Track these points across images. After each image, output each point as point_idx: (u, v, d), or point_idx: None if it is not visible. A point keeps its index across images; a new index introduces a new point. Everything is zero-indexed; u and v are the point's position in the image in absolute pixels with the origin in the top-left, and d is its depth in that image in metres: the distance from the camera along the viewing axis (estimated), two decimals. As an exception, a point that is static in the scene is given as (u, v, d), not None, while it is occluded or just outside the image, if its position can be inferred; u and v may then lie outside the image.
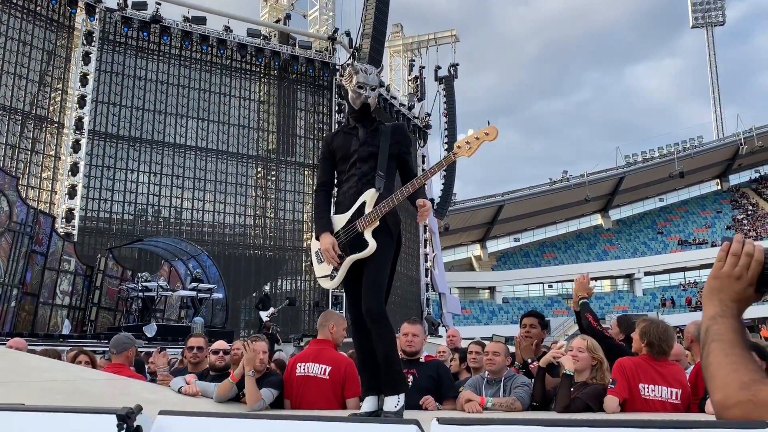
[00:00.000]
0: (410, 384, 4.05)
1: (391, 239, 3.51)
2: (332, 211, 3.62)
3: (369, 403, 3.42)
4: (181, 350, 6.34)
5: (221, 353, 4.78)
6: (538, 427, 1.24)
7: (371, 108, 3.59)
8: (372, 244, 3.36)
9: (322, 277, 3.57)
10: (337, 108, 29.51)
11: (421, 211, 3.33)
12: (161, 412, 1.56)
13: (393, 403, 3.28)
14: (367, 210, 3.40)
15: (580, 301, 4.38)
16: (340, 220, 3.53)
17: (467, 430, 1.27)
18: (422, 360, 4.37)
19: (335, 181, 3.74)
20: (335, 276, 3.48)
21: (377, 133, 3.56)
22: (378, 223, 3.40)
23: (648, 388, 3.59)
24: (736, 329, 1.16)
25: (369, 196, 3.43)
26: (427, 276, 35.00)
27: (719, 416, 1.10)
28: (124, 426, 1.46)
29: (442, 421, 1.29)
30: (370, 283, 3.39)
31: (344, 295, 3.79)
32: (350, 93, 3.60)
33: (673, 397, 3.57)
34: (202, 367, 4.93)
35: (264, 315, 18.02)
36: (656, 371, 3.63)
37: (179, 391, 4.21)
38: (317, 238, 3.55)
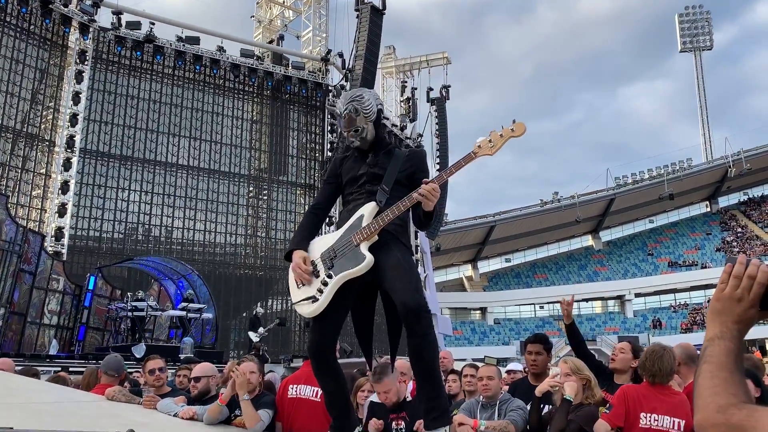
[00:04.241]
0: (403, 430, 3.93)
1: (411, 254, 3.16)
2: (326, 232, 3.28)
3: None
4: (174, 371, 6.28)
5: (192, 381, 4.71)
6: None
7: (362, 148, 3.26)
8: (368, 258, 2.96)
9: (302, 300, 3.06)
10: (329, 128, 29.63)
11: (424, 188, 2.94)
12: (154, 437, 1.53)
13: None
14: (365, 223, 3.06)
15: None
16: (331, 238, 3.15)
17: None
18: (410, 399, 4.11)
19: (331, 206, 3.42)
20: (318, 299, 3.00)
21: (389, 156, 3.25)
22: (377, 237, 3.03)
23: (650, 417, 3.53)
24: (730, 351, 1.18)
25: (368, 209, 3.09)
26: (418, 296, 34.83)
27: None
28: (116, 451, 1.43)
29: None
30: (407, 278, 2.96)
31: (313, 322, 3.13)
32: None
33: (675, 428, 3.51)
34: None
35: (253, 335, 17.89)
36: (659, 400, 3.58)
37: (175, 415, 4.15)
38: (287, 257, 3.18)
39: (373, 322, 3.32)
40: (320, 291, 3.00)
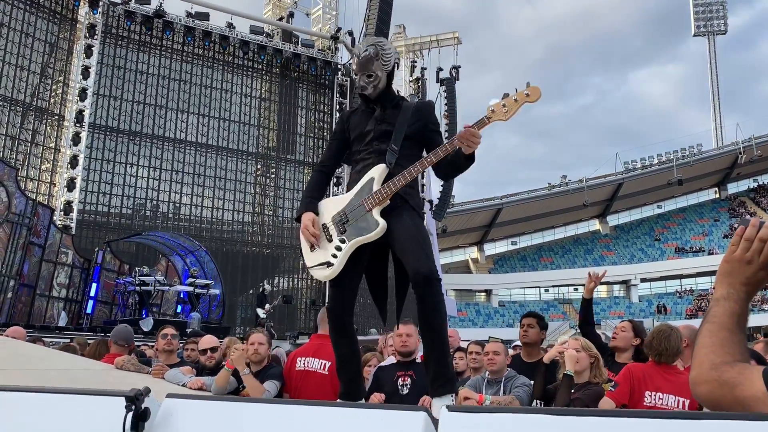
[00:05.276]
0: (409, 387, 4.01)
1: (421, 218, 3.13)
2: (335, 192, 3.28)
3: None
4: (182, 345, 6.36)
5: (209, 352, 4.75)
6: (543, 416, 1.25)
7: (370, 97, 3.15)
8: (381, 224, 2.93)
9: (317, 266, 3.04)
10: (338, 107, 29.52)
11: (463, 132, 2.84)
12: (169, 395, 1.56)
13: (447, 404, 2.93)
14: (375, 187, 2.99)
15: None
16: (342, 200, 3.10)
17: (476, 418, 1.28)
18: (418, 360, 4.10)
19: (339, 163, 3.37)
20: (333, 264, 2.98)
21: (397, 111, 3.14)
22: (388, 202, 2.98)
23: (654, 395, 3.55)
24: (734, 313, 1.21)
25: (378, 171, 3.02)
26: (424, 277, 34.91)
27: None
28: (132, 407, 1.47)
29: (451, 408, 1.30)
30: (418, 244, 2.91)
31: (329, 288, 3.30)
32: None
33: (680, 406, 3.53)
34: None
35: (261, 312, 18.06)
36: (665, 379, 3.60)
37: (183, 385, 4.21)
38: (297, 219, 3.15)
39: (386, 278, 3.29)
40: (334, 256, 2.99)
